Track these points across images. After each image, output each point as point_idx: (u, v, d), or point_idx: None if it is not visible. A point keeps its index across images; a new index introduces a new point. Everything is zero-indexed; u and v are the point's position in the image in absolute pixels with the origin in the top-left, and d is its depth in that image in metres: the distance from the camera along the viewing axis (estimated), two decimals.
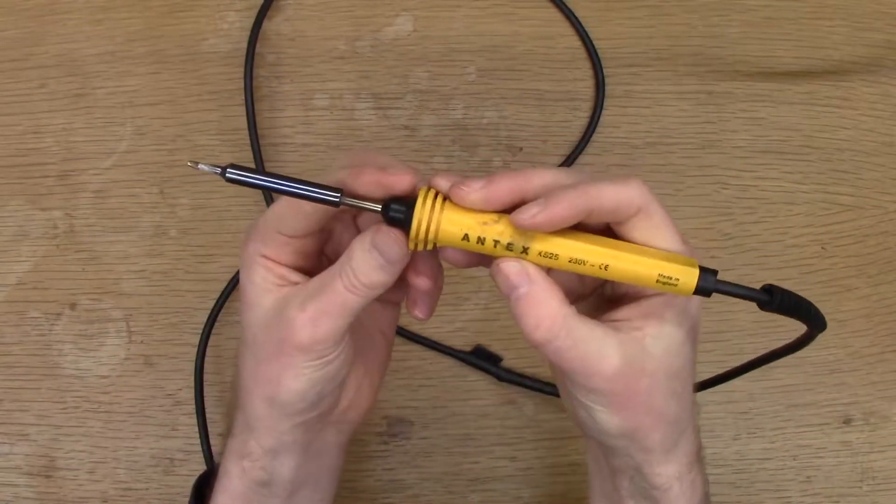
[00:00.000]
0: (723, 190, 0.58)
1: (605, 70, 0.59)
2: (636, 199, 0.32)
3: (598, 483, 0.40)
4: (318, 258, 0.37)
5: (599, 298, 0.36)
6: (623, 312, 0.34)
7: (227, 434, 0.39)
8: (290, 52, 0.59)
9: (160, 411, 0.54)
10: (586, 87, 0.60)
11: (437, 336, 0.55)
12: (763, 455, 0.55)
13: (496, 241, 0.32)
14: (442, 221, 0.32)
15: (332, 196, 0.31)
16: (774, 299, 0.33)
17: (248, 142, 0.57)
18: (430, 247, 0.32)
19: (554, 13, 0.61)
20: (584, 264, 0.32)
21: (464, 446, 0.54)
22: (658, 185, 0.58)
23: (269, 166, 0.57)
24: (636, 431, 0.34)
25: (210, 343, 0.54)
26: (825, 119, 0.60)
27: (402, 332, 0.54)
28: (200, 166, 0.31)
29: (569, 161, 0.57)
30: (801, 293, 0.58)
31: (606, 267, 0.32)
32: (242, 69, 0.57)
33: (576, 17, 0.60)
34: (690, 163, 0.58)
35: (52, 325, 0.54)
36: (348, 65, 0.59)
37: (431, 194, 0.32)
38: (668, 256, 0.32)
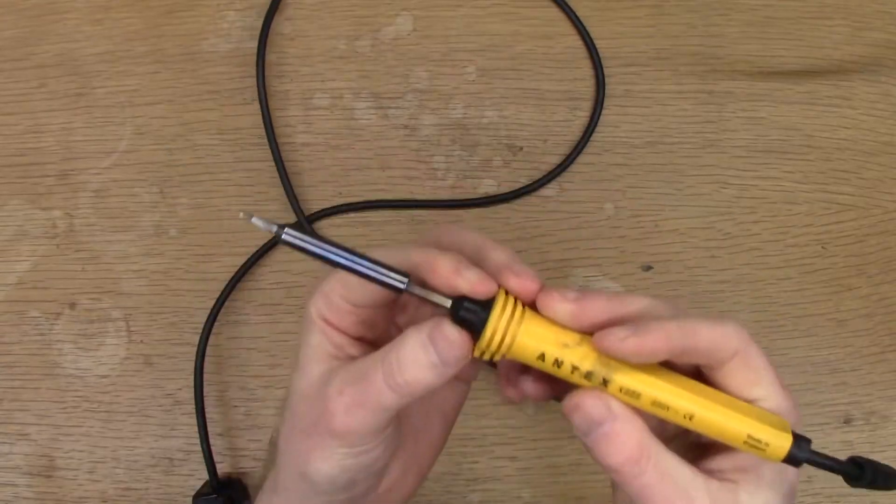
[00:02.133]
0: (723, 190, 0.58)
1: (605, 69, 0.59)
2: (734, 341, 0.29)
3: None
4: (386, 329, 0.33)
5: (682, 445, 0.33)
6: (714, 463, 0.30)
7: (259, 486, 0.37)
8: (290, 51, 0.59)
9: (160, 411, 0.54)
10: (586, 86, 0.59)
11: None
12: None
13: (574, 367, 0.28)
14: (519, 333, 0.28)
15: (398, 282, 0.28)
16: (866, 474, 0.31)
17: (249, 141, 0.57)
18: (497, 358, 0.29)
19: (554, 12, 0.61)
20: (668, 410, 0.28)
21: (464, 446, 0.54)
22: (658, 185, 0.58)
23: None
24: None
25: (210, 343, 0.54)
26: (825, 119, 0.60)
27: None
28: (254, 221, 0.27)
29: (569, 161, 0.57)
30: (801, 293, 0.58)
31: (692, 417, 0.29)
32: (242, 69, 0.57)
33: (576, 17, 0.60)
34: (690, 162, 0.58)
35: (52, 324, 0.54)
36: (348, 64, 0.59)
37: (511, 301, 0.29)
38: (762, 415, 0.29)
